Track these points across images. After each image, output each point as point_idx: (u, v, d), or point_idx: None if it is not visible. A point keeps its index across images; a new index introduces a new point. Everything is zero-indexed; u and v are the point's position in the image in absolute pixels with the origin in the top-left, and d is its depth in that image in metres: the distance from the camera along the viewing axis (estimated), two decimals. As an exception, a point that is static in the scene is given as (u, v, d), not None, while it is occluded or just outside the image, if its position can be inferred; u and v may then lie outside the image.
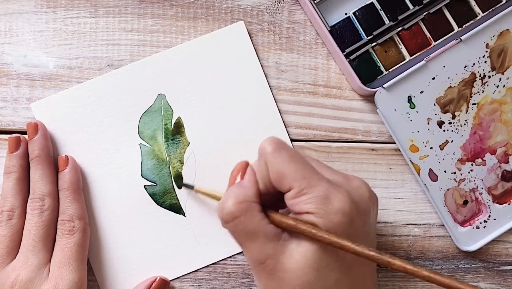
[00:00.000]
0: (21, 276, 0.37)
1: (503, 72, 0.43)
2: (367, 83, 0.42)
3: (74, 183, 0.40)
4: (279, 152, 0.33)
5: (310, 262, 0.31)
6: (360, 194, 0.33)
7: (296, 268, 0.31)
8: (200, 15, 0.43)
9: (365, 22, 0.42)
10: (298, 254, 0.31)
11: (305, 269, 0.31)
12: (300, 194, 0.31)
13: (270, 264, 0.32)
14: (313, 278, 0.31)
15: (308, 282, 0.31)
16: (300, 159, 0.33)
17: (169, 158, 0.42)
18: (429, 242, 0.43)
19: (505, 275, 0.43)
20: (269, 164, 0.33)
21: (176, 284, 0.42)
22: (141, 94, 0.42)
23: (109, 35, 0.43)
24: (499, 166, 0.43)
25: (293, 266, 0.31)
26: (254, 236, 0.32)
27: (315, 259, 0.31)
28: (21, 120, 0.42)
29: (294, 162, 0.32)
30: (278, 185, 0.32)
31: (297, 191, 0.31)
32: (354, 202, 0.32)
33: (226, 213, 0.32)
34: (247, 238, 0.32)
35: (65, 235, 0.39)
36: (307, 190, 0.31)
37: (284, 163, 0.32)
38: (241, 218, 0.32)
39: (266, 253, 0.32)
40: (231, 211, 0.32)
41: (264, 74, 0.43)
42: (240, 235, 0.32)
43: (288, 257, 0.31)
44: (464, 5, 0.43)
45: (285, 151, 0.33)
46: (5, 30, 0.43)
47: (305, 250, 0.31)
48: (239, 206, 0.32)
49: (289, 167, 0.32)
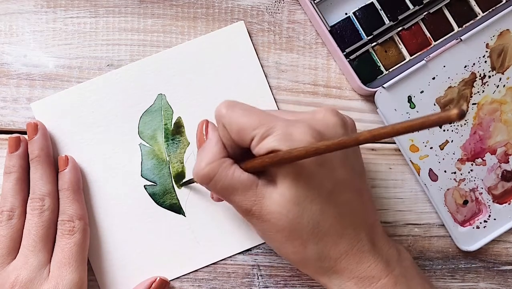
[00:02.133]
0: (21, 276, 0.37)
1: (503, 72, 0.43)
2: (367, 83, 0.42)
3: (74, 183, 0.40)
4: (233, 109, 0.34)
5: (289, 198, 0.32)
6: (327, 122, 0.33)
7: (279, 207, 0.32)
8: (200, 15, 0.43)
9: (365, 22, 0.42)
10: (277, 194, 0.32)
11: (287, 206, 0.32)
12: (262, 138, 0.32)
13: (256, 210, 0.33)
14: (297, 213, 0.32)
15: (294, 218, 0.32)
16: (254, 109, 0.34)
17: (169, 157, 0.42)
18: (429, 242, 0.43)
19: (505, 275, 0.43)
20: (227, 124, 0.34)
21: (176, 284, 0.42)
22: (141, 94, 0.42)
23: (109, 35, 0.43)
24: (499, 166, 0.43)
25: (275, 207, 0.32)
26: (234, 189, 0.33)
27: (293, 194, 0.32)
28: (21, 120, 0.42)
29: (249, 113, 0.33)
30: (241, 141, 0.33)
31: (259, 137, 0.32)
32: (318, 131, 0.32)
33: (201, 176, 0.34)
34: (228, 192, 0.34)
35: (65, 235, 0.39)
36: (267, 132, 0.32)
37: (239, 117, 0.33)
38: (215, 177, 0.33)
39: (249, 201, 0.33)
40: (205, 174, 0.33)
41: (264, 74, 0.43)
42: (221, 191, 0.34)
43: (268, 200, 0.33)
44: (464, 5, 0.43)
45: (238, 106, 0.34)
46: (5, 30, 0.43)
47: (282, 188, 0.32)
48: (211, 166, 0.33)
49: (245, 119, 0.33)
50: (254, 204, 0.33)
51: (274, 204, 0.32)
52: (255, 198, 0.33)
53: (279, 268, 0.42)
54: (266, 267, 0.42)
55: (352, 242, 0.33)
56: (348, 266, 0.33)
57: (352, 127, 0.36)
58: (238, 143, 0.34)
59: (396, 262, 0.34)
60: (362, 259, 0.33)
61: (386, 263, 0.34)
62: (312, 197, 0.32)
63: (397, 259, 0.35)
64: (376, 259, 0.34)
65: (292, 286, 0.42)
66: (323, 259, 0.33)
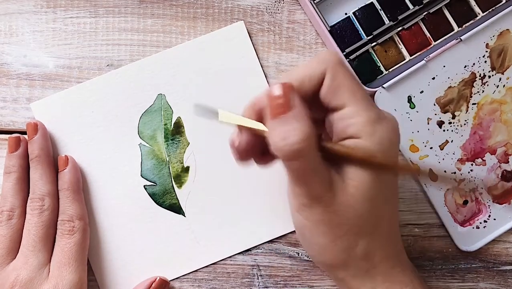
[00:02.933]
0: (21, 276, 0.37)
1: (503, 72, 0.43)
2: (367, 83, 0.42)
3: (74, 183, 0.40)
4: (344, 65, 0.32)
5: (363, 193, 0.31)
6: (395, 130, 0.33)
7: (352, 200, 0.31)
8: (200, 15, 0.43)
9: (365, 22, 0.42)
10: (352, 187, 0.31)
11: (360, 201, 0.31)
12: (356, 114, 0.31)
13: (327, 199, 0.31)
14: (367, 209, 0.31)
15: (363, 212, 0.32)
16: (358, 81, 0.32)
17: (169, 158, 0.42)
18: (429, 242, 0.43)
19: (505, 275, 0.43)
20: (333, 72, 0.31)
21: (176, 284, 0.42)
22: (141, 94, 0.42)
23: (109, 35, 0.43)
24: (499, 166, 0.43)
25: (348, 199, 0.31)
26: (316, 173, 0.31)
27: (368, 189, 0.31)
28: (21, 120, 0.42)
29: (356, 81, 0.32)
30: (330, 97, 0.31)
31: (354, 110, 0.31)
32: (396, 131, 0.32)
33: (293, 150, 0.29)
34: (310, 175, 0.31)
35: (65, 235, 0.39)
36: (362, 112, 0.31)
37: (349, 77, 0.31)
38: (306, 156, 0.30)
39: (325, 188, 0.31)
40: (299, 148, 0.29)
41: (264, 74, 0.43)
42: (303, 172, 0.30)
43: (342, 190, 0.31)
44: (464, 5, 0.43)
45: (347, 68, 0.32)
46: (5, 30, 0.43)
47: (358, 182, 0.31)
48: (307, 143, 0.29)
49: (352, 83, 0.31)
50: (329, 191, 0.31)
51: (347, 196, 0.31)
52: (331, 185, 0.31)
53: (279, 268, 0.42)
54: (266, 267, 0.42)
55: (394, 247, 0.34)
56: (385, 270, 0.33)
57: None
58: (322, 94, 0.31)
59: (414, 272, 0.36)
60: (396, 264, 0.34)
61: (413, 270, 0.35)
62: (384, 196, 0.32)
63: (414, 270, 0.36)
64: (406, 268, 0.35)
65: (292, 286, 0.42)
66: (368, 258, 0.33)
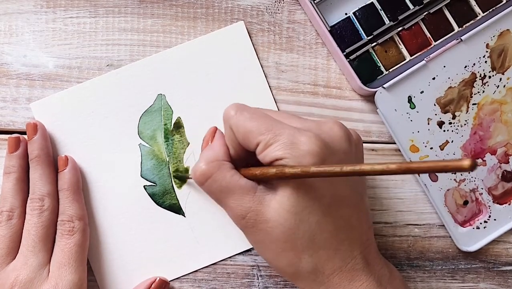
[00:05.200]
0: (21, 277, 0.37)
1: (503, 72, 0.43)
2: (367, 83, 0.42)
3: (74, 183, 0.40)
4: (241, 112, 0.34)
5: (288, 207, 0.32)
6: (332, 135, 0.33)
7: (276, 216, 0.32)
8: (200, 15, 0.43)
9: (365, 22, 0.42)
10: (275, 202, 0.32)
11: (284, 216, 0.32)
12: (267, 145, 0.32)
13: (251, 217, 0.33)
14: (294, 223, 0.32)
15: (290, 228, 0.32)
16: (263, 114, 0.34)
17: (169, 158, 0.42)
18: (429, 243, 0.43)
19: (505, 275, 0.43)
20: (234, 126, 0.34)
21: (176, 285, 0.42)
22: (141, 94, 0.42)
23: (109, 35, 0.43)
24: (499, 166, 0.43)
25: (273, 215, 0.32)
26: (230, 192, 0.33)
27: (292, 204, 0.32)
28: (21, 121, 0.42)
29: (257, 118, 0.33)
30: (246, 144, 0.33)
31: (264, 144, 0.32)
32: (324, 142, 0.32)
33: (199, 174, 0.34)
34: (224, 194, 0.33)
35: (65, 236, 0.39)
36: (273, 140, 0.32)
37: (247, 120, 0.33)
38: (213, 176, 0.33)
39: (245, 207, 0.33)
40: (202, 171, 0.33)
41: (264, 74, 0.43)
42: (216, 193, 0.34)
43: (266, 207, 0.32)
44: (464, 5, 0.43)
45: (246, 110, 0.34)
46: (4, 30, 0.43)
47: (281, 196, 0.32)
48: (210, 165, 0.33)
49: (252, 123, 0.33)
50: (250, 210, 0.33)
51: (272, 212, 0.32)
52: (251, 203, 0.33)
53: (279, 268, 0.42)
54: (266, 268, 0.42)
55: (346, 258, 0.33)
56: (341, 282, 0.33)
57: (357, 142, 0.35)
58: (244, 146, 0.34)
59: (387, 281, 0.34)
60: (355, 277, 0.33)
61: (378, 282, 0.34)
62: (311, 208, 0.32)
63: (388, 278, 0.34)
64: (368, 278, 0.33)
65: (292, 286, 0.42)
66: (317, 273, 0.33)
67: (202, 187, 0.34)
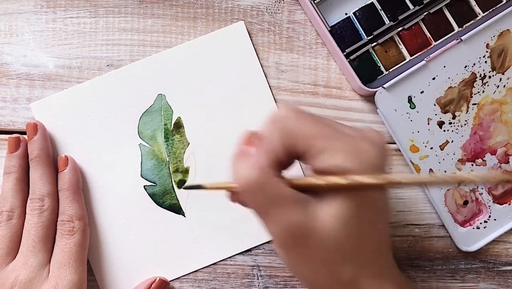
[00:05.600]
0: (21, 277, 0.37)
1: (504, 72, 0.43)
2: (367, 83, 0.42)
3: (74, 183, 0.40)
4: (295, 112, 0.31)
5: (340, 219, 0.29)
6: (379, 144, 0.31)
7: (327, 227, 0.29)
8: (200, 15, 0.43)
9: (365, 22, 0.42)
10: (327, 213, 0.29)
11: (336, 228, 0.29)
12: (320, 152, 0.29)
13: (299, 231, 0.29)
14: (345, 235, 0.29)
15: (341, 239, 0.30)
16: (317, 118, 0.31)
17: (169, 158, 0.42)
18: (429, 243, 0.43)
19: (505, 275, 0.43)
20: (284, 126, 0.30)
21: (176, 285, 0.42)
22: (141, 94, 0.42)
23: (109, 35, 0.43)
24: (500, 166, 0.43)
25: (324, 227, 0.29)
26: (279, 203, 0.29)
27: (344, 214, 0.29)
28: (21, 121, 0.42)
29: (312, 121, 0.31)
30: (293, 148, 0.30)
31: (317, 149, 0.29)
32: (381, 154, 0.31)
33: (250, 182, 0.29)
34: (271, 205, 0.29)
35: (65, 236, 0.39)
36: (331, 145, 0.29)
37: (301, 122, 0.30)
38: (265, 184, 0.29)
39: (295, 220, 0.29)
40: (255, 179, 0.29)
41: (264, 74, 0.43)
42: (262, 204, 0.30)
43: (317, 219, 0.29)
44: (464, 5, 0.43)
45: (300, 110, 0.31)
46: (4, 30, 0.43)
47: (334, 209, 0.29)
48: (263, 172, 0.29)
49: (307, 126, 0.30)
50: (300, 223, 0.29)
51: (323, 224, 0.29)
52: (302, 217, 0.29)
53: (279, 268, 0.42)
54: (266, 268, 0.42)
55: (383, 265, 0.32)
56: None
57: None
58: (288, 151, 0.30)
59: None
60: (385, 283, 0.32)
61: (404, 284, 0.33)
62: (359, 220, 0.30)
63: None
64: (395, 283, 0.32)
65: (292, 286, 0.42)
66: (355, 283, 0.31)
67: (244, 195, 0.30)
